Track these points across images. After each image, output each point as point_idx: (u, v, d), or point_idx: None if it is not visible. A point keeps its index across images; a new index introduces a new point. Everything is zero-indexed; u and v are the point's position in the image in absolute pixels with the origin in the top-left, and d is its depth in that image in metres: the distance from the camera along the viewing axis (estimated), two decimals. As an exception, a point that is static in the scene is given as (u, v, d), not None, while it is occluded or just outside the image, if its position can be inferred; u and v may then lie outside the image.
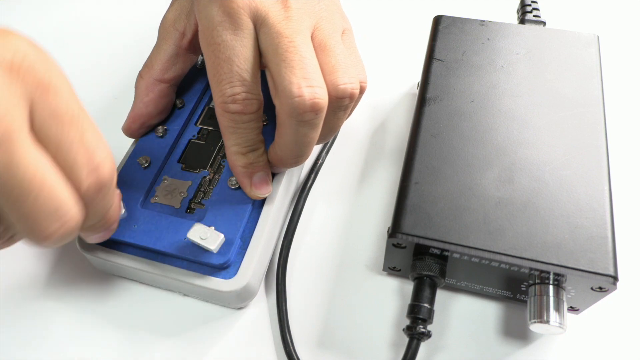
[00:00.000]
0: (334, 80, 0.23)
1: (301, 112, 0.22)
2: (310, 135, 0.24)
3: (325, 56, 0.24)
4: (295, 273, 0.29)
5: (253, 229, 0.26)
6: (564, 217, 0.24)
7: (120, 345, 0.26)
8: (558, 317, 0.23)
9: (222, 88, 0.23)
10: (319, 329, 0.27)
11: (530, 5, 0.34)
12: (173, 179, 0.28)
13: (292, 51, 0.23)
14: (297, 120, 0.23)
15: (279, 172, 0.28)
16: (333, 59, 0.24)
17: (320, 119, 0.23)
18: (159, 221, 0.26)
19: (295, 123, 0.23)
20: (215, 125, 0.30)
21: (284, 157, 0.26)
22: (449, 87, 0.29)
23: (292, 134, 0.24)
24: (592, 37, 0.31)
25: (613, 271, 0.22)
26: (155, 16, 0.31)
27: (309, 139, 0.24)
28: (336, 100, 0.24)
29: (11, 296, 0.28)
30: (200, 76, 0.32)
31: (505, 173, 0.25)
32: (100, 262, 0.27)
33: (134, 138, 0.30)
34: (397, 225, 0.24)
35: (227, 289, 0.25)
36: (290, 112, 0.23)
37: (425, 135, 0.27)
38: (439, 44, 0.31)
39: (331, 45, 0.24)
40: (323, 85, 0.23)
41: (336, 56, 0.24)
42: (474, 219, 0.24)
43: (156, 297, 0.28)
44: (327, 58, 0.24)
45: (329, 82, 0.23)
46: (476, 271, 0.24)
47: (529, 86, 0.29)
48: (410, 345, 0.24)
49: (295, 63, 0.22)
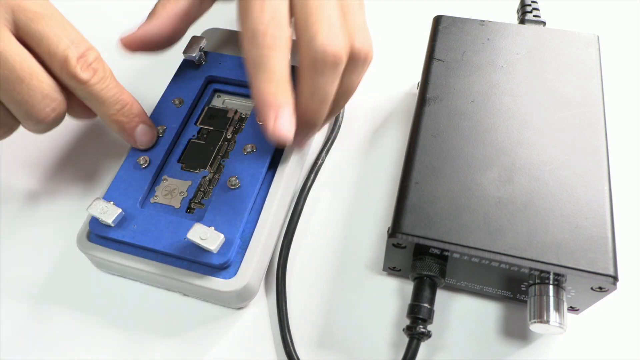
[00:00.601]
0: (354, 38, 0.25)
1: (322, 62, 0.24)
2: (327, 89, 0.25)
3: (347, 15, 0.25)
4: (295, 273, 0.29)
5: (253, 229, 0.26)
6: (564, 217, 0.24)
7: (120, 345, 0.26)
8: (558, 317, 0.23)
9: (254, 22, 0.24)
10: (319, 329, 0.27)
11: (530, 5, 0.34)
12: (173, 179, 0.28)
13: (320, 5, 0.24)
14: (317, 71, 0.24)
15: (300, 140, 0.27)
16: (353, 20, 0.25)
17: (338, 72, 0.25)
18: (159, 221, 0.26)
19: (314, 74, 0.24)
20: (215, 125, 0.30)
21: (302, 112, 0.26)
22: (449, 87, 0.29)
23: (311, 85, 0.25)
24: (592, 37, 0.31)
25: (613, 271, 0.22)
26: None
27: (326, 93, 0.25)
28: (353, 59, 0.25)
29: (11, 296, 0.28)
30: (200, 75, 0.32)
31: (505, 173, 0.25)
32: (100, 262, 0.27)
33: (130, 50, 0.28)
34: (397, 225, 0.24)
35: (227, 289, 0.25)
36: (311, 62, 0.24)
37: (425, 135, 0.27)
38: (439, 44, 0.31)
39: (353, 7, 0.26)
40: (346, 41, 0.24)
41: (357, 18, 0.26)
42: (474, 219, 0.24)
43: (156, 297, 0.28)
44: (349, 17, 0.25)
45: (350, 39, 0.25)
46: (476, 271, 0.24)
47: (529, 86, 0.29)
48: (410, 345, 0.24)
49: (323, 16, 0.24)
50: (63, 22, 0.25)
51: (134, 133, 0.27)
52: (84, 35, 0.26)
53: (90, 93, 0.25)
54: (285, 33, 0.24)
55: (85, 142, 0.34)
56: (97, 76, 0.25)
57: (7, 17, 0.23)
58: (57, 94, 0.25)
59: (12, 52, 0.23)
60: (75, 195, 0.32)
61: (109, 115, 0.27)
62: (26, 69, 0.23)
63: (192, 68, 0.32)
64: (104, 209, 0.25)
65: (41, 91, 0.24)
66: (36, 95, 0.24)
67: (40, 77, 0.24)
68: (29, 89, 0.24)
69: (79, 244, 0.26)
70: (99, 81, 0.25)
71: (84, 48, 0.25)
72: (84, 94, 0.25)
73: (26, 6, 0.24)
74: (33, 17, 0.24)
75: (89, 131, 0.32)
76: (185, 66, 0.32)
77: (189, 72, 0.32)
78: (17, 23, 0.24)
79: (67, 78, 0.25)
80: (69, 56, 0.24)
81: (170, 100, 0.30)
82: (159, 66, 0.38)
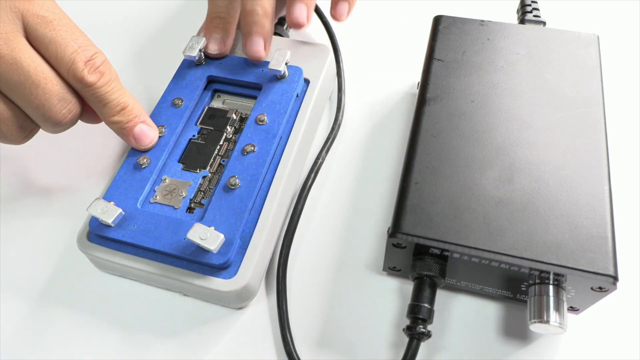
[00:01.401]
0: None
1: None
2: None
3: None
4: (295, 273, 0.29)
5: (253, 228, 0.26)
6: (564, 217, 0.24)
7: (120, 345, 0.26)
8: (558, 317, 0.23)
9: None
10: (319, 329, 0.27)
11: (530, 5, 0.34)
12: (173, 179, 0.28)
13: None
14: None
15: (342, 11, 0.33)
16: None
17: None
18: (159, 221, 0.26)
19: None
20: (216, 125, 0.30)
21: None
22: (449, 87, 0.29)
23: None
24: (592, 37, 0.31)
25: (613, 271, 0.22)
26: (154, 16, 0.31)
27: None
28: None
29: (11, 296, 0.28)
30: (200, 75, 0.32)
31: (505, 173, 0.25)
32: (100, 262, 0.27)
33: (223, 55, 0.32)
34: (397, 225, 0.24)
35: (227, 289, 0.25)
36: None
37: (425, 135, 0.27)
38: (439, 44, 0.31)
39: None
40: None
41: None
42: (474, 219, 0.24)
43: (156, 297, 0.28)
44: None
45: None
46: (476, 271, 0.24)
47: (529, 86, 0.29)
48: (410, 345, 0.24)
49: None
50: (71, 27, 0.25)
51: (132, 134, 0.28)
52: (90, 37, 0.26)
53: (94, 95, 0.26)
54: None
55: (85, 142, 0.34)
56: (104, 79, 0.26)
57: (18, 22, 0.24)
58: (71, 96, 0.26)
59: (27, 59, 0.24)
60: (76, 195, 0.32)
61: (109, 116, 0.27)
62: (40, 73, 0.24)
63: (192, 68, 0.32)
64: (104, 208, 0.25)
65: (57, 94, 0.25)
66: (52, 98, 0.25)
67: (54, 80, 0.25)
68: (44, 93, 0.24)
69: (79, 244, 0.26)
70: (104, 84, 0.26)
71: (92, 52, 0.25)
72: (88, 96, 0.26)
73: (35, 11, 0.24)
74: (41, 21, 0.24)
75: (90, 131, 0.32)
76: (185, 66, 0.32)
77: (189, 72, 0.32)
78: (26, 27, 0.24)
79: (74, 81, 0.25)
80: (77, 60, 0.25)
81: (170, 100, 0.30)
82: (159, 66, 0.38)
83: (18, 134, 0.26)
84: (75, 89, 0.26)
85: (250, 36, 0.31)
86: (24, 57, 0.24)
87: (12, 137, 0.26)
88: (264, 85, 0.31)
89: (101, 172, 0.33)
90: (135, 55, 0.40)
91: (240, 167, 0.27)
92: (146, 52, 0.40)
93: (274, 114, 0.29)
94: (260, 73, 0.31)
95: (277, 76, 0.31)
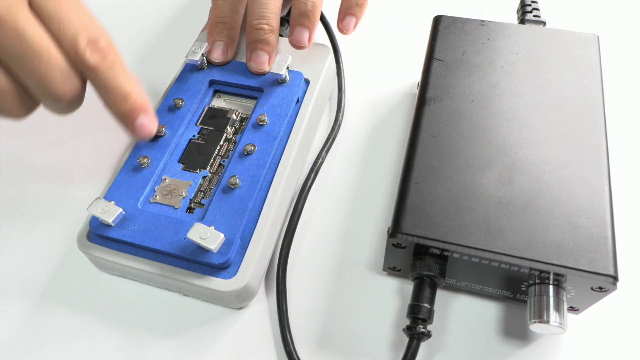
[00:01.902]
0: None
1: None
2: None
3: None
4: (295, 273, 0.29)
5: (253, 228, 0.26)
6: (564, 217, 0.24)
7: (120, 345, 0.26)
8: (558, 317, 0.23)
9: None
10: (319, 329, 0.27)
11: (530, 5, 0.34)
12: (173, 179, 0.28)
13: None
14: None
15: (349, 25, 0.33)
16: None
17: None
18: (159, 221, 0.26)
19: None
20: (216, 125, 0.30)
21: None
22: (449, 87, 0.29)
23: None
24: (592, 37, 0.31)
25: (613, 271, 0.22)
26: (154, 17, 0.31)
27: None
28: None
29: (11, 296, 0.28)
30: (200, 76, 0.32)
31: (505, 173, 0.25)
32: (100, 261, 0.27)
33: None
34: (397, 225, 0.24)
35: (227, 289, 0.25)
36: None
37: (425, 135, 0.27)
38: (439, 44, 0.31)
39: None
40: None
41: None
42: (474, 219, 0.24)
43: (156, 297, 0.28)
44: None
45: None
46: (476, 271, 0.24)
47: (529, 86, 0.29)
48: (410, 345, 0.24)
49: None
50: (77, 5, 0.24)
51: (134, 123, 0.27)
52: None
53: (96, 79, 0.25)
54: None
55: (85, 142, 0.34)
56: (106, 63, 0.24)
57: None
58: (74, 75, 0.24)
59: (30, 29, 0.22)
60: (76, 195, 0.32)
61: (112, 104, 0.26)
62: (44, 44, 0.23)
63: (194, 72, 0.32)
64: (104, 208, 0.25)
65: (59, 67, 0.23)
66: (55, 70, 0.23)
67: (57, 54, 0.23)
68: (47, 64, 0.23)
69: (79, 243, 0.26)
70: (107, 68, 0.24)
71: (96, 32, 0.24)
72: (91, 79, 0.25)
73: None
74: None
75: (90, 131, 0.32)
76: (187, 70, 0.32)
77: (192, 76, 0.32)
78: (31, 1, 0.23)
79: (75, 61, 0.24)
80: (78, 39, 0.23)
81: (171, 100, 0.30)
82: (161, 66, 0.38)
83: (18, 108, 0.25)
84: (78, 70, 0.24)
85: (255, 52, 0.31)
86: (27, 27, 0.22)
87: (12, 111, 0.25)
88: (265, 89, 0.31)
89: (102, 172, 0.33)
90: (137, 55, 0.40)
91: (241, 168, 0.27)
92: (148, 52, 0.40)
93: (274, 117, 0.29)
94: (261, 77, 0.31)
95: (278, 80, 0.31)
